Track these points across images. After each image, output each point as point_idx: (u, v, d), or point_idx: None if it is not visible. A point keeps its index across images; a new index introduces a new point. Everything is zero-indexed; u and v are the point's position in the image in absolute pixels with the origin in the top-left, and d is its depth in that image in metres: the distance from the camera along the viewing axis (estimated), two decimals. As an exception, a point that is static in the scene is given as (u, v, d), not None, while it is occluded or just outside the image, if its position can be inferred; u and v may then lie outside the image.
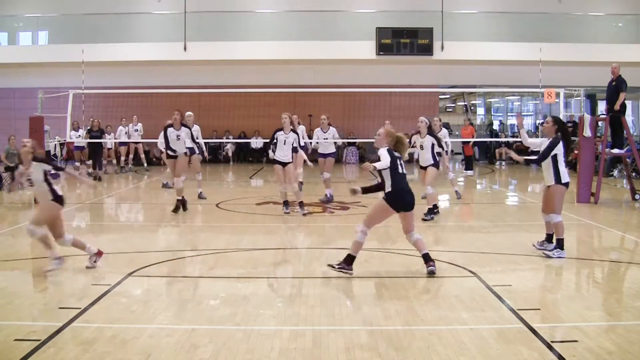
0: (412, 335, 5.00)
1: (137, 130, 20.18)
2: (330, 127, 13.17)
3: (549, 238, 8.04)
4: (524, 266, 7.47)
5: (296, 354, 4.62)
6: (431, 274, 6.74)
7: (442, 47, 20.83)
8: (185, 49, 20.83)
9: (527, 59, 18.91)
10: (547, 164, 7.83)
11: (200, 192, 13.37)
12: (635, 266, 7.60)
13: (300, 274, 7.19)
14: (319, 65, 22.14)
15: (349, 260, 6.80)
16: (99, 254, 7.36)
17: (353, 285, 6.56)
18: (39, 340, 4.82)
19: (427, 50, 20.80)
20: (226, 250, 8.34)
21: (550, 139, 7.82)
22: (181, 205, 11.29)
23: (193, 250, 8.61)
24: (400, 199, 6.77)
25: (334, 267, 6.82)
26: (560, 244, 7.73)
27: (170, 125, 11.41)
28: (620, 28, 22.81)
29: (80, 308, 5.63)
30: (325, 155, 13.07)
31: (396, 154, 6.83)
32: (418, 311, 5.61)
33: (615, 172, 18.16)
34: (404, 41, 20.83)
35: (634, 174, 15.84)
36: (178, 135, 11.38)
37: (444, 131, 14.02)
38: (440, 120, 13.98)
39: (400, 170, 6.79)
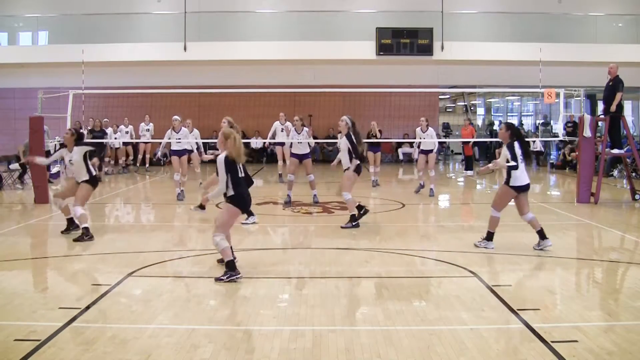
0: (412, 335, 5.00)
1: (149, 130, 20.18)
2: (304, 127, 13.23)
3: (540, 235, 8.13)
4: (523, 266, 7.48)
5: (296, 354, 4.62)
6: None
7: (442, 47, 20.84)
8: (185, 49, 20.84)
9: (527, 59, 18.90)
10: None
11: (179, 193, 13.19)
12: (635, 266, 7.60)
13: (300, 274, 7.19)
14: (319, 65, 22.16)
15: (231, 265, 6.68)
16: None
17: (353, 285, 6.57)
18: (39, 340, 4.82)
19: (427, 50, 20.81)
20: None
21: (506, 145, 7.99)
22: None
23: (193, 250, 8.61)
24: (243, 200, 6.88)
25: (222, 280, 6.60)
26: (489, 237, 8.17)
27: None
28: (620, 28, 22.82)
29: (80, 308, 5.63)
30: (300, 156, 13.01)
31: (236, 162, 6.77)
32: (418, 311, 5.62)
33: (615, 172, 18.16)
34: (404, 41, 20.84)
35: (633, 174, 15.85)
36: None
37: (431, 131, 14.13)
38: (427, 120, 14.15)
39: (239, 174, 6.81)
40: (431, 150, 14.07)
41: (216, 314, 5.64)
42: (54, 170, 17.34)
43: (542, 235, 8.11)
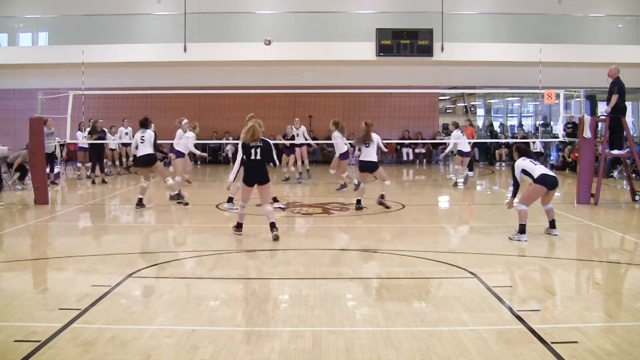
0: (412, 336, 5.00)
1: None
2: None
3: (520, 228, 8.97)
4: (523, 267, 7.49)
5: (296, 355, 4.62)
6: (275, 239, 8.74)
7: (442, 48, 20.83)
8: (185, 50, 20.84)
9: (527, 60, 18.89)
10: None
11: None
12: (635, 267, 7.60)
13: (300, 274, 7.19)
14: (319, 66, 22.15)
15: (237, 225, 9.18)
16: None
17: (353, 286, 6.57)
18: (39, 341, 4.82)
19: (427, 51, 20.79)
20: (226, 252, 8.35)
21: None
22: None
23: (193, 251, 8.61)
24: (247, 176, 9.03)
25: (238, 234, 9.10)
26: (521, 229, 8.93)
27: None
28: (620, 29, 22.82)
29: (80, 309, 5.64)
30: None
31: (251, 143, 8.91)
32: (418, 312, 5.62)
33: (615, 173, 18.16)
34: (404, 42, 20.82)
35: (633, 175, 15.85)
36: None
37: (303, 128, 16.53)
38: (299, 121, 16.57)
39: (252, 157, 8.93)
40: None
41: (216, 314, 5.64)
42: (55, 170, 17.32)
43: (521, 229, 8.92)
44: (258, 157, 8.90)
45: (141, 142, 12.11)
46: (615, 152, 13.09)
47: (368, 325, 5.29)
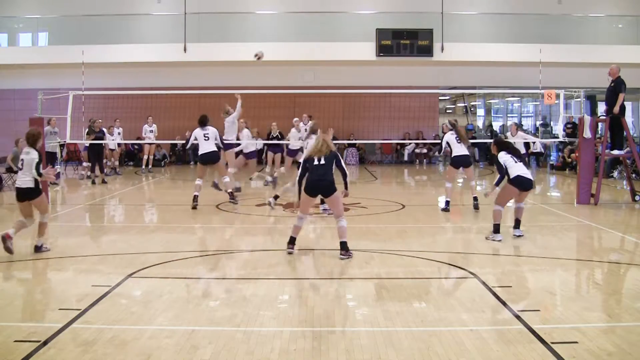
0: (412, 336, 5.00)
1: (152, 131, 20.19)
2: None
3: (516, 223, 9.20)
4: (523, 267, 7.49)
5: (296, 355, 4.63)
6: (343, 257, 7.78)
7: (442, 49, 20.82)
8: (185, 50, 20.84)
9: (527, 60, 18.89)
10: None
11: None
12: (635, 267, 7.61)
13: (300, 275, 7.19)
14: (319, 66, 22.15)
15: (290, 239, 8.08)
16: None
17: (353, 287, 6.57)
18: (39, 341, 4.83)
19: (427, 51, 20.79)
20: (226, 252, 8.34)
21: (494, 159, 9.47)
22: None
23: (193, 251, 8.61)
24: (309, 184, 8.00)
25: (290, 251, 7.99)
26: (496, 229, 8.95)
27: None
28: (620, 29, 22.83)
29: (80, 309, 5.64)
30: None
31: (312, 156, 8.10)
32: (418, 312, 5.62)
33: (615, 174, 18.15)
34: (404, 42, 20.81)
35: (634, 175, 15.84)
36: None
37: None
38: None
39: (315, 162, 8.02)
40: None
41: (216, 314, 5.64)
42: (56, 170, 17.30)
43: (517, 224, 9.12)
44: (322, 161, 7.98)
45: (205, 140, 12.15)
46: (615, 152, 13.09)
47: (368, 325, 5.29)
